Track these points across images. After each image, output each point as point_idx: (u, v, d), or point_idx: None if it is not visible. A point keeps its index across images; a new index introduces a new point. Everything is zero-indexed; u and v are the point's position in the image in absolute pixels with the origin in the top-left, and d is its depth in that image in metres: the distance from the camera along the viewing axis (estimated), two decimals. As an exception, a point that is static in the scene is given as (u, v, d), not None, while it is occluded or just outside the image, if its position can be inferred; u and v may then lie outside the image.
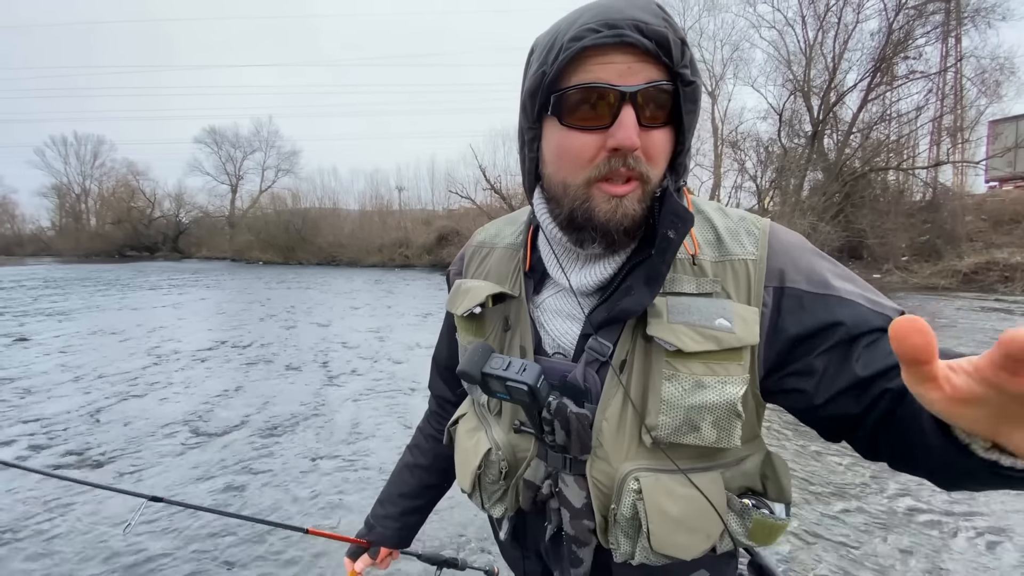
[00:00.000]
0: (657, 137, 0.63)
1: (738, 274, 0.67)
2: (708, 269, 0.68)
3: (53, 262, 34.40)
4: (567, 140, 0.64)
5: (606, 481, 0.69)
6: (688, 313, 0.65)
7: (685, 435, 0.65)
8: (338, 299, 14.20)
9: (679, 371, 0.64)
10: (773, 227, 0.71)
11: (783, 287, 0.66)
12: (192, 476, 3.63)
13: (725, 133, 23.41)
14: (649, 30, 0.58)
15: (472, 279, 0.86)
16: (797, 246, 0.70)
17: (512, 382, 0.66)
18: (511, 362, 0.68)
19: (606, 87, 0.60)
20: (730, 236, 0.69)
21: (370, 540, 1.06)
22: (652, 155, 0.63)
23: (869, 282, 0.67)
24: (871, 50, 20.19)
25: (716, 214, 0.73)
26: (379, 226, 32.44)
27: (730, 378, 0.64)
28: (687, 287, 0.67)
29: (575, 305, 0.74)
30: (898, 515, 3.02)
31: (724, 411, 0.64)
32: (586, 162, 0.63)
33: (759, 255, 0.67)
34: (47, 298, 14.04)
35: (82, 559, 2.69)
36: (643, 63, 0.60)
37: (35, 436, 4.33)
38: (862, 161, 20.31)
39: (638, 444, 0.67)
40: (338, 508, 3.21)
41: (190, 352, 7.51)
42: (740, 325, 0.64)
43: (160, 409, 5.05)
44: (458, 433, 0.88)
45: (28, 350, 7.63)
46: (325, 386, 5.84)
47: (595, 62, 0.60)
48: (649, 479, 0.66)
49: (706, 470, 0.67)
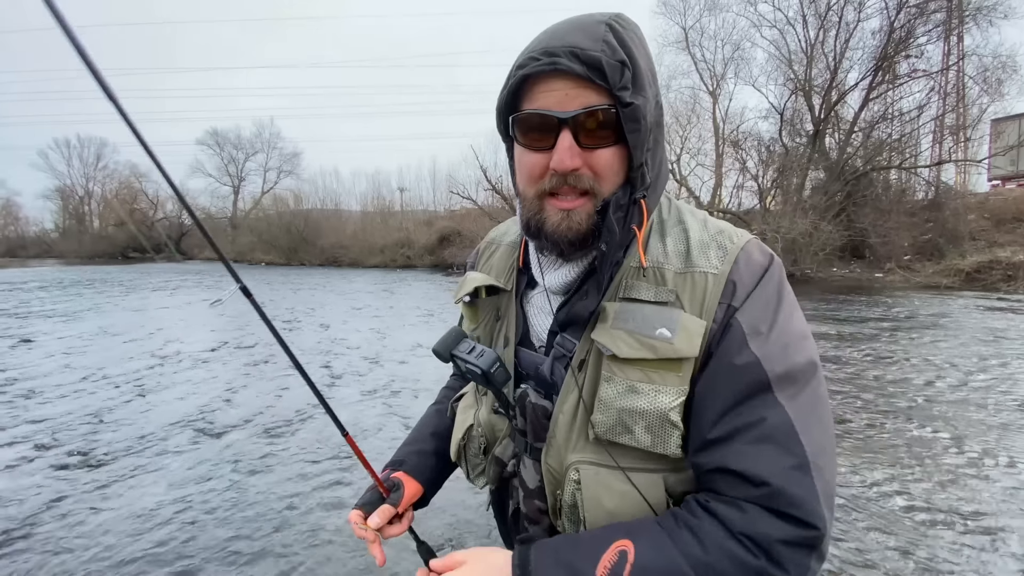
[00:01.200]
0: (603, 156, 0.66)
1: (696, 286, 0.68)
2: (669, 279, 0.69)
3: (57, 264, 34.55)
4: (522, 157, 0.71)
5: (557, 468, 0.74)
6: (631, 320, 0.68)
7: (619, 435, 0.68)
8: (340, 300, 14.24)
9: (615, 375, 0.68)
10: (749, 245, 0.71)
11: (734, 307, 0.66)
12: (196, 475, 3.66)
13: (726, 132, 23.41)
14: (584, 55, 0.61)
15: (477, 272, 0.92)
16: (764, 270, 0.69)
17: (470, 364, 0.77)
18: (474, 347, 0.79)
19: (545, 114, 0.65)
20: (699, 249, 0.71)
21: (406, 471, 0.93)
22: (598, 173, 0.67)
23: (872, 281, 0.67)
24: (872, 49, 20.21)
25: (695, 225, 0.74)
26: (381, 227, 32.51)
27: (665, 388, 0.65)
28: (644, 294, 0.69)
29: (550, 303, 0.79)
30: (896, 514, 3.03)
31: (656, 419, 0.65)
32: (536, 178, 0.69)
33: (721, 270, 0.68)
34: (51, 300, 14.11)
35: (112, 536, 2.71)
36: (581, 88, 0.63)
37: (40, 436, 4.36)
38: (864, 160, 20.29)
39: (586, 439, 0.71)
40: (341, 508, 3.23)
41: (193, 353, 7.54)
42: (682, 337, 0.65)
43: (163, 410, 5.07)
44: (457, 409, 0.97)
45: (32, 351, 7.68)
46: (327, 387, 5.86)
47: (540, 89, 0.66)
48: (589, 471, 0.70)
49: (649, 471, 0.68)
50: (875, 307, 11.32)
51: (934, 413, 4.71)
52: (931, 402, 5.01)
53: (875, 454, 3.85)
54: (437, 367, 6.52)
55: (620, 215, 0.69)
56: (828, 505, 0.60)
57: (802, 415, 0.62)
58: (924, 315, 10.15)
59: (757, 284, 0.68)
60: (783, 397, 0.62)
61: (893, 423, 4.48)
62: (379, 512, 0.84)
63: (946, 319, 9.68)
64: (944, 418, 4.57)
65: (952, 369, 6.13)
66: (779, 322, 0.66)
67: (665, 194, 0.79)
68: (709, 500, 0.63)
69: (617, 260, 0.72)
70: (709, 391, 0.65)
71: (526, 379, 0.80)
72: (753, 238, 0.74)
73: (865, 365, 6.41)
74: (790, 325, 0.67)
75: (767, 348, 0.64)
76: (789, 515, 0.58)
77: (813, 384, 0.65)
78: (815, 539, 0.59)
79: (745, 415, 0.62)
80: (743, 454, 0.61)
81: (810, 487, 0.59)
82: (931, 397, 5.15)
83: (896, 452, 3.89)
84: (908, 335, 8.17)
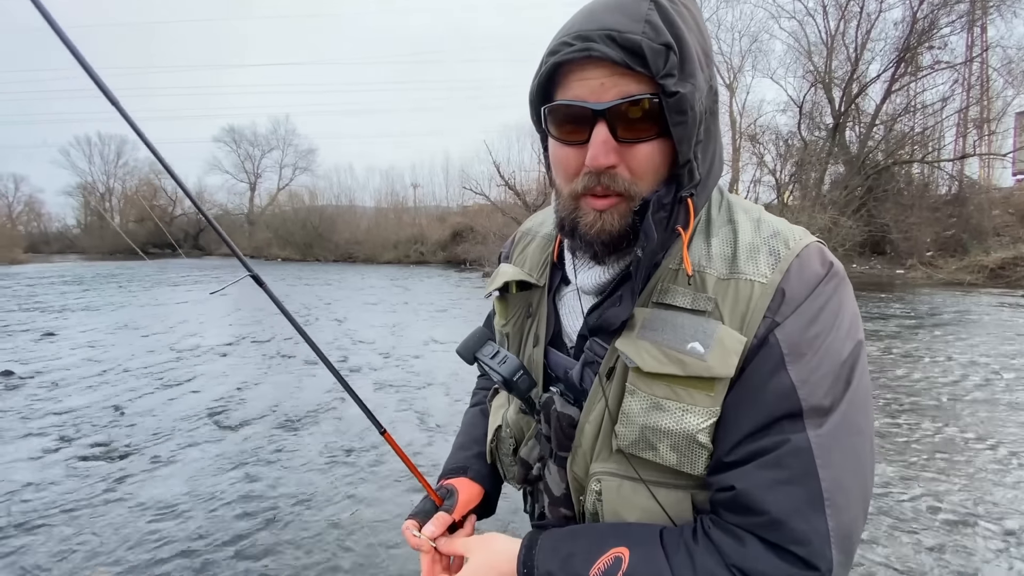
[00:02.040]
0: (641, 152, 0.60)
1: (739, 296, 0.60)
2: (709, 285, 0.62)
3: (78, 259, 35.32)
4: (556, 151, 0.65)
5: (582, 477, 0.71)
6: (661, 331, 0.62)
7: (643, 451, 0.63)
8: (355, 295, 14.35)
9: (639, 389, 0.62)
10: (807, 252, 0.62)
11: (776, 322, 0.59)
12: (215, 467, 3.71)
13: (743, 126, 23.08)
14: (623, 39, 0.54)
15: (510, 264, 0.88)
16: (819, 281, 0.60)
17: (493, 370, 0.74)
18: (498, 352, 0.76)
19: (579, 105, 0.59)
20: (747, 253, 0.63)
21: (471, 477, 0.88)
22: (636, 170, 0.61)
23: (893, 278, 0.62)
24: (895, 40, 19.73)
25: (746, 225, 0.66)
26: (394, 223, 32.67)
27: (694, 407, 0.60)
28: (680, 300, 0.63)
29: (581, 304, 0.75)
30: (923, 515, 2.96)
31: (682, 439, 0.60)
32: (571, 176, 0.64)
33: (770, 279, 0.60)
34: (73, 294, 14.42)
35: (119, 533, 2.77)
36: (618, 76, 0.57)
37: (63, 428, 4.45)
38: (885, 154, 19.87)
39: (610, 450, 0.67)
40: (356, 501, 3.25)
41: (211, 347, 7.66)
42: (717, 353, 0.58)
43: (182, 403, 5.15)
44: (491, 407, 0.94)
45: (55, 344, 7.85)
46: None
47: (574, 77, 0.60)
48: (611, 483, 0.66)
49: (675, 487, 0.64)
50: (897, 304, 11.09)
51: (959, 412, 4.59)
52: (955, 400, 4.89)
53: (899, 453, 3.77)
54: (452, 363, 6.53)
55: (662, 216, 0.62)
56: (842, 548, 0.55)
57: (826, 446, 0.55)
58: (947, 312, 9.92)
59: (807, 297, 0.59)
60: (811, 425, 0.56)
61: (917, 422, 4.38)
62: (435, 520, 0.78)
63: (970, 316, 9.44)
64: (969, 417, 4.46)
65: (977, 367, 5.98)
66: (827, 344, 0.58)
67: (718, 186, 0.71)
68: (711, 525, 0.60)
69: (656, 261, 0.66)
70: (735, 412, 0.59)
71: (555, 382, 0.77)
72: (814, 242, 0.64)
73: (886, 363, 6.28)
74: (839, 347, 0.58)
75: (808, 373, 0.57)
76: (788, 551, 0.54)
77: (851, 414, 0.58)
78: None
79: (765, 440, 0.57)
80: (751, 479, 0.56)
81: (818, 524, 0.54)
82: (955, 396, 5.03)
83: (920, 451, 3.80)
84: (931, 333, 7.99)
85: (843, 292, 0.62)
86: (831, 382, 0.57)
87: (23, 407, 4.99)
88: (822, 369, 0.57)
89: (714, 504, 0.61)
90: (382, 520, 3.03)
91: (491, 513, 0.91)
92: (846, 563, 0.56)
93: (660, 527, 0.63)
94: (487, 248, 20.67)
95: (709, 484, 0.61)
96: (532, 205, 21.42)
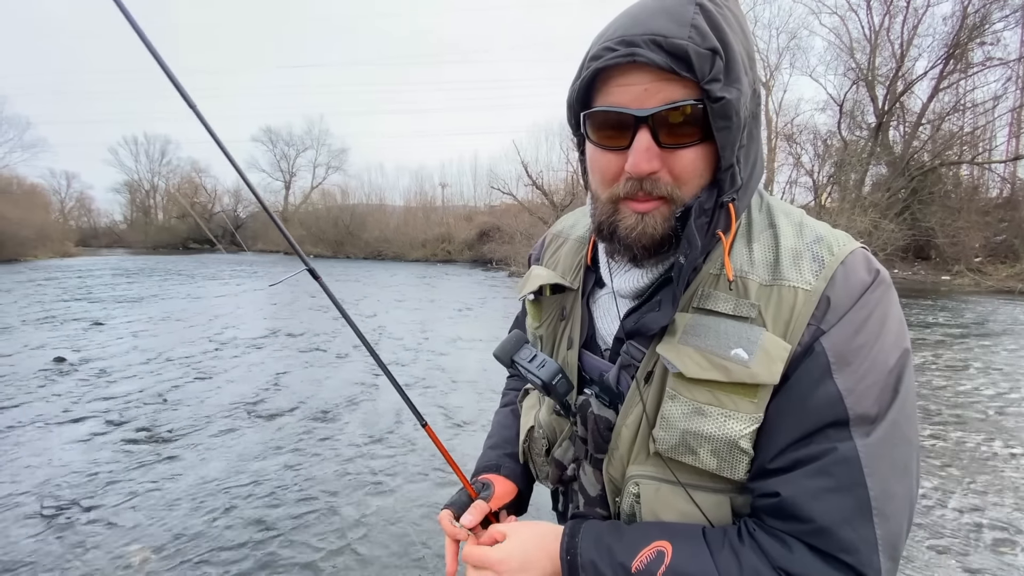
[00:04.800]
0: (685, 157, 0.59)
1: (783, 303, 0.60)
2: (752, 291, 0.62)
3: (125, 253, 36.98)
4: (595, 156, 0.65)
5: (618, 479, 0.71)
6: (705, 336, 0.61)
7: (683, 455, 0.63)
8: (384, 292, 14.59)
9: (680, 394, 0.62)
10: (852, 258, 0.61)
11: (822, 330, 0.58)
12: (251, 454, 3.85)
13: (780, 126, 22.44)
14: (668, 44, 0.54)
15: (542, 266, 0.88)
16: (865, 289, 0.59)
17: (531, 374, 0.75)
18: (536, 356, 0.76)
19: (622, 112, 0.58)
20: (790, 259, 0.62)
21: (504, 475, 0.89)
22: (678, 175, 0.60)
23: (938, 284, 0.60)
24: (943, 35, 18.86)
25: (788, 230, 0.65)
26: (423, 222, 33.05)
27: (737, 414, 0.59)
28: (722, 306, 0.62)
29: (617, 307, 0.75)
30: (966, 531, 2.84)
31: (723, 444, 0.60)
32: (610, 180, 0.63)
33: (814, 287, 0.59)
34: (119, 286, 15.12)
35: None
36: (662, 82, 0.56)
37: (110, 413, 4.69)
38: (932, 154, 19.02)
39: (647, 453, 0.67)
40: (386, 492, 3.32)
41: (247, 339, 7.92)
42: (761, 360, 0.58)
43: (221, 391, 5.36)
44: (522, 407, 0.96)
45: (103, 333, 8.26)
46: (371, 375, 6.03)
47: (616, 83, 0.59)
48: (650, 487, 0.67)
49: (713, 491, 0.64)
50: (941, 312, 10.61)
51: (1006, 426, 4.38)
52: (1003, 415, 4.66)
53: (942, 467, 3.62)
54: (478, 360, 6.60)
55: (703, 221, 0.62)
56: (889, 555, 0.55)
57: (874, 455, 0.55)
58: (996, 321, 9.44)
59: (853, 306, 0.58)
60: (858, 434, 0.55)
61: (961, 435, 4.20)
62: (472, 509, 0.79)
63: (1020, 326, 8.97)
64: (1017, 432, 4.25)
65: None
66: (874, 353, 0.57)
67: (759, 189, 0.70)
68: (756, 528, 0.60)
69: (696, 267, 0.65)
70: (779, 419, 0.59)
71: (589, 384, 0.77)
72: (859, 248, 0.63)
73: (930, 374, 6.03)
74: (886, 356, 0.58)
75: (855, 382, 0.56)
76: (836, 559, 0.54)
77: (899, 423, 0.57)
78: None
79: (811, 448, 0.57)
80: (797, 486, 0.56)
81: (867, 533, 0.54)
82: (1003, 409, 4.79)
83: (965, 465, 3.64)
84: (978, 342, 7.62)
85: (889, 300, 0.61)
86: (878, 391, 0.57)
87: (74, 392, 5.28)
88: (869, 378, 0.57)
89: (757, 510, 0.61)
90: (412, 509, 3.09)
91: (523, 512, 0.92)
92: (893, 569, 0.56)
93: (701, 526, 0.63)
94: (513, 248, 20.69)
95: (752, 490, 0.61)
96: (560, 205, 21.34)
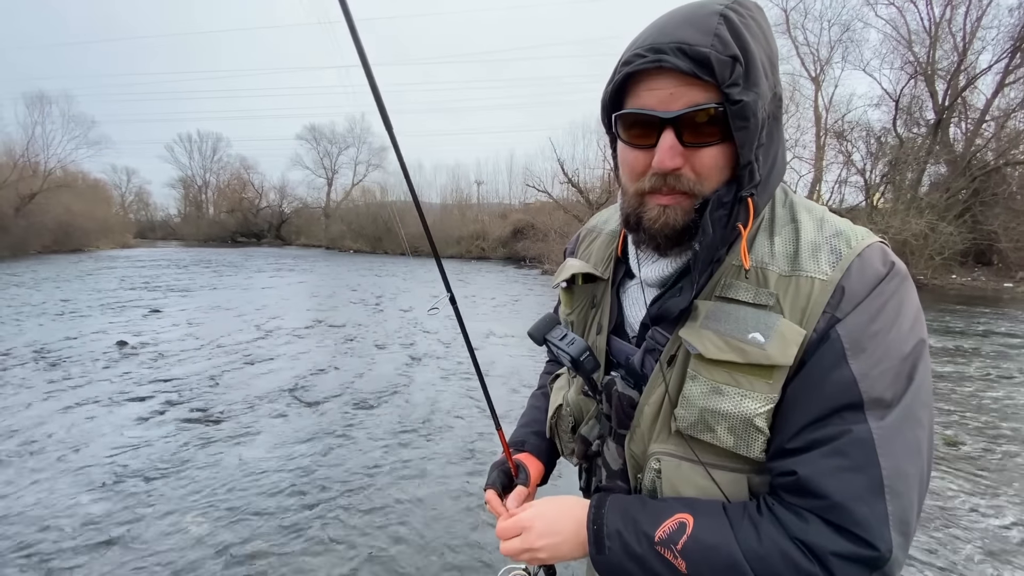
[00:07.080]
0: (706, 155, 0.65)
1: (800, 292, 0.64)
2: (771, 281, 0.66)
3: (179, 245, 39.05)
4: (625, 153, 0.71)
5: (640, 454, 0.76)
6: (724, 321, 0.66)
7: (701, 432, 0.67)
8: (420, 287, 14.89)
9: (700, 374, 0.67)
10: (869, 251, 0.65)
11: (837, 317, 0.62)
12: (295, 437, 4.05)
13: (829, 122, 21.50)
14: (692, 51, 0.60)
15: (576, 258, 0.95)
16: (880, 280, 0.63)
17: (561, 350, 0.82)
18: (566, 335, 0.83)
19: (648, 114, 0.65)
20: (809, 251, 0.66)
21: (529, 451, 1.01)
22: (700, 172, 0.66)
23: (999, 292, 0.61)
24: (1009, 27, 17.54)
25: (809, 225, 0.70)
26: (458, 219, 33.39)
27: (753, 393, 0.64)
28: (742, 295, 0.67)
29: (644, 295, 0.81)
30: (1012, 545, 2.72)
31: (739, 422, 0.64)
32: (638, 175, 0.70)
33: (831, 277, 0.63)
34: (174, 277, 16.00)
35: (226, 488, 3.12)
36: (687, 86, 0.62)
37: (168, 394, 5.02)
38: (996, 153, 17.80)
39: (668, 431, 0.72)
40: (421, 478, 3.45)
41: (291, 329, 8.27)
42: (776, 343, 0.62)
43: (268, 378, 5.64)
44: (553, 389, 1.04)
45: (160, 320, 8.80)
46: (408, 367, 6.21)
47: (644, 87, 0.65)
48: (671, 463, 0.71)
49: (732, 470, 0.68)
50: (1001, 321, 9.99)
51: (1070, 442, 4.12)
52: (1067, 430, 4.39)
53: (994, 482, 3.46)
54: (511, 356, 6.69)
55: (721, 213, 0.66)
56: (900, 530, 0.58)
57: (888, 436, 0.58)
58: (1064, 332, 8.82)
59: (868, 295, 0.62)
60: (872, 416, 0.59)
61: (1017, 450, 3.99)
62: (515, 496, 0.90)
63: (1093, 338, 8.34)
64: (1083, 448, 3.99)
65: (1097, 395, 5.31)
66: (888, 340, 0.61)
67: (783, 186, 0.75)
68: (774, 504, 0.64)
69: (719, 258, 0.70)
70: (795, 401, 0.63)
71: (616, 367, 0.82)
72: (877, 242, 0.67)
73: (984, 384, 5.72)
74: (901, 344, 0.61)
75: (869, 367, 0.60)
76: (849, 531, 0.58)
77: (913, 406, 0.60)
78: (875, 560, 0.57)
79: (826, 429, 0.60)
80: (813, 465, 0.60)
81: (879, 510, 0.57)
82: (1067, 424, 4.51)
83: (1018, 480, 3.47)
84: (1042, 353, 7.16)
85: (905, 291, 0.64)
86: (893, 377, 0.60)
87: (135, 374, 5.67)
88: (884, 364, 0.60)
89: (775, 487, 0.65)
90: (446, 496, 3.20)
91: (544, 483, 1.02)
92: (904, 544, 0.59)
93: (721, 501, 0.67)
94: (547, 245, 20.63)
95: (770, 469, 0.65)
96: (595, 203, 21.15)
